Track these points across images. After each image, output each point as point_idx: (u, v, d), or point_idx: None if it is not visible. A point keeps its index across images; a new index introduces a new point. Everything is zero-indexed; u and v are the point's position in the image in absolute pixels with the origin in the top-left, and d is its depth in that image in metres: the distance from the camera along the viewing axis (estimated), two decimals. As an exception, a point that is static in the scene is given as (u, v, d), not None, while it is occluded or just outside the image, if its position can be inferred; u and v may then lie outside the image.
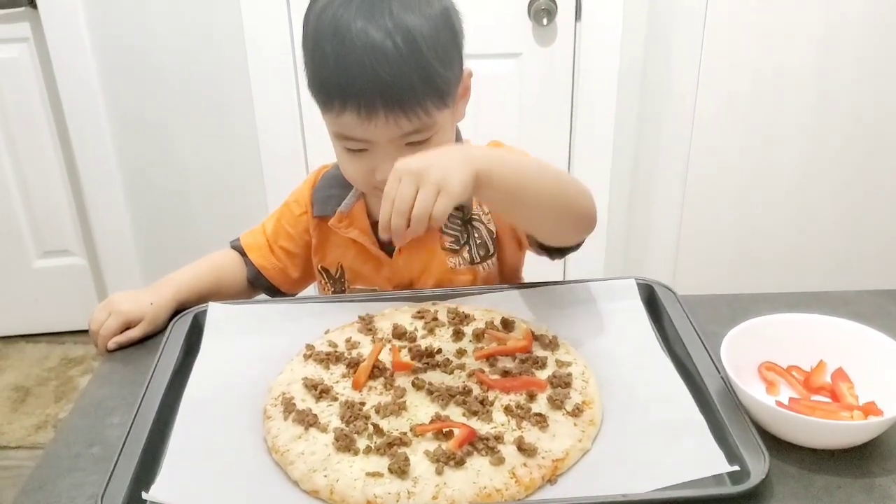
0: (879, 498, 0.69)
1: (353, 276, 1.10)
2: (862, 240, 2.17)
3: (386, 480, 0.70)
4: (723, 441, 0.73)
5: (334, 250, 1.10)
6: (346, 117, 0.90)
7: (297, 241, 1.13)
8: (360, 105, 0.88)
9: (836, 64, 1.97)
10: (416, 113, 0.89)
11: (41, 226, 2.33)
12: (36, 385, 2.26)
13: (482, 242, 1.06)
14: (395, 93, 0.87)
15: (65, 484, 0.74)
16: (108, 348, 0.96)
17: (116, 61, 2.03)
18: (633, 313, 0.93)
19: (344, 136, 0.94)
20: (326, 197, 1.09)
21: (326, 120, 0.95)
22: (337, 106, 0.90)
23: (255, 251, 1.12)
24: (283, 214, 1.14)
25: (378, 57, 0.86)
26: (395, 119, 0.89)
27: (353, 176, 0.99)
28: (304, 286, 1.19)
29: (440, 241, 1.06)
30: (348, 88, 0.88)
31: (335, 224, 1.07)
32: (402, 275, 1.06)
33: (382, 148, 0.92)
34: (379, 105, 0.88)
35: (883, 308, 0.98)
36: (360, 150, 0.94)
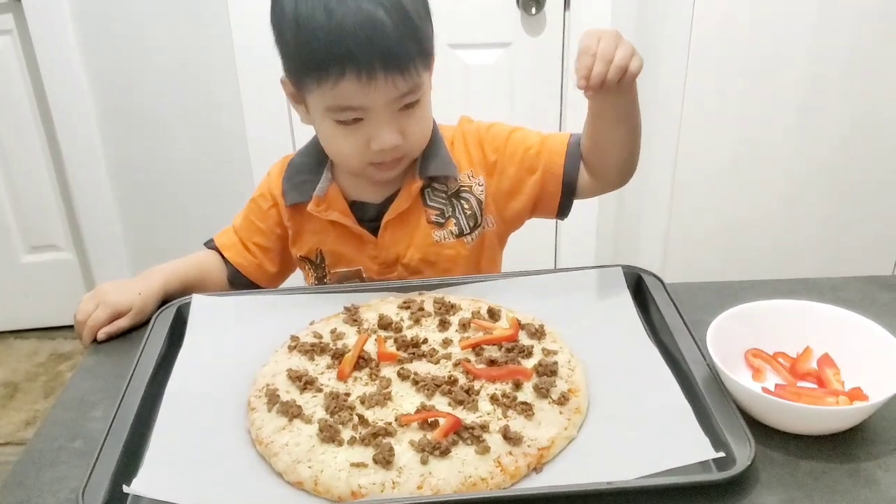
0: (864, 483, 0.69)
1: (335, 260, 1.09)
2: (849, 229, 2.18)
3: (370, 471, 0.69)
4: (709, 428, 0.73)
5: (311, 237, 1.09)
6: (345, 85, 0.91)
7: (269, 236, 1.12)
8: (360, 69, 0.90)
9: (826, 55, 1.97)
10: (409, 73, 0.93)
11: (28, 221, 2.32)
12: (25, 381, 2.25)
13: (471, 213, 1.07)
14: (392, 54, 0.90)
15: (46, 478, 0.73)
16: (99, 339, 0.96)
17: (102, 54, 2.01)
18: (620, 301, 0.93)
19: (339, 108, 0.94)
20: (299, 183, 1.08)
21: (316, 96, 0.95)
22: (334, 75, 0.90)
23: (231, 250, 1.11)
24: (250, 211, 1.13)
25: (373, 21, 0.89)
26: (393, 80, 0.91)
27: (346, 152, 0.99)
28: (283, 279, 1.18)
29: (425, 214, 1.06)
30: (347, 54, 0.89)
31: (314, 208, 1.06)
32: (388, 251, 1.06)
33: (377, 115, 0.94)
34: (378, 67, 0.90)
35: (869, 294, 0.98)
36: (354, 121, 0.95)
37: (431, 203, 1.06)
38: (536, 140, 1.07)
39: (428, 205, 1.06)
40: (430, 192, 1.07)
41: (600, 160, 1.03)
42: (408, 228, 1.06)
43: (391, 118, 0.95)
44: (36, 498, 0.71)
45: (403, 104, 0.96)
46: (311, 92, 0.95)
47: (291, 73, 0.98)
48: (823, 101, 2.03)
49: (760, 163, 2.10)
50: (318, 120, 0.99)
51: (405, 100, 0.95)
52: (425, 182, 1.06)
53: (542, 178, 1.05)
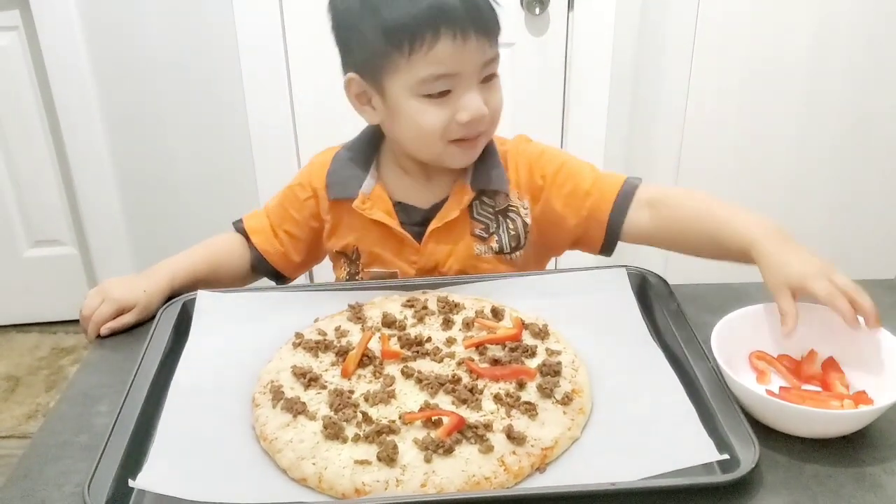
0: (870, 487, 0.69)
1: (371, 259, 1.08)
2: (853, 231, 2.18)
3: (374, 468, 0.69)
4: (713, 430, 0.73)
5: (349, 233, 1.08)
6: (439, 48, 0.92)
7: (302, 226, 1.11)
8: (455, 29, 0.91)
9: (828, 56, 1.97)
10: (494, 39, 0.95)
11: (32, 215, 2.32)
12: (27, 374, 2.26)
13: (515, 234, 1.05)
14: (482, 16, 0.93)
15: (52, 472, 0.74)
16: (102, 334, 0.96)
17: (107, 50, 2.01)
18: (624, 302, 0.93)
19: (432, 77, 0.94)
20: (344, 179, 1.07)
21: (405, 71, 0.94)
22: (429, 37, 0.91)
23: (259, 235, 1.11)
24: (286, 198, 1.12)
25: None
26: (482, 44, 0.93)
27: (432, 129, 0.97)
28: (305, 270, 1.18)
29: (470, 226, 1.05)
30: (443, 16, 0.90)
31: (359, 206, 1.05)
32: (429, 259, 1.05)
33: (467, 82, 0.95)
34: (470, 28, 0.92)
35: (873, 297, 0.96)
36: (442, 93, 0.95)
37: (478, 216, 1.05)
38: (589, 178, 1.03)
39: (474, 217, 1.05)
40: (479, 205, 1.05)
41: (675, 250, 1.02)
42: (452, 238, 1.05)
43: (477, 87, 0.96)
44: (41, 491, 0.71)
45: (486, 74, 0.96)
46: (396, 71, 0.94)
47: (370, 62, 0.96)
48: (826, 104, 2.03)
49: (763, 164, 2.10)
50: (401, 103, 0.97)
51: (488, 69, 0.96)
52: (475, 194, 1.04)
53: (586, 221, 1.03)
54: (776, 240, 0.86)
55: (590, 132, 2.05)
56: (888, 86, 2.01)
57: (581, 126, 2.06)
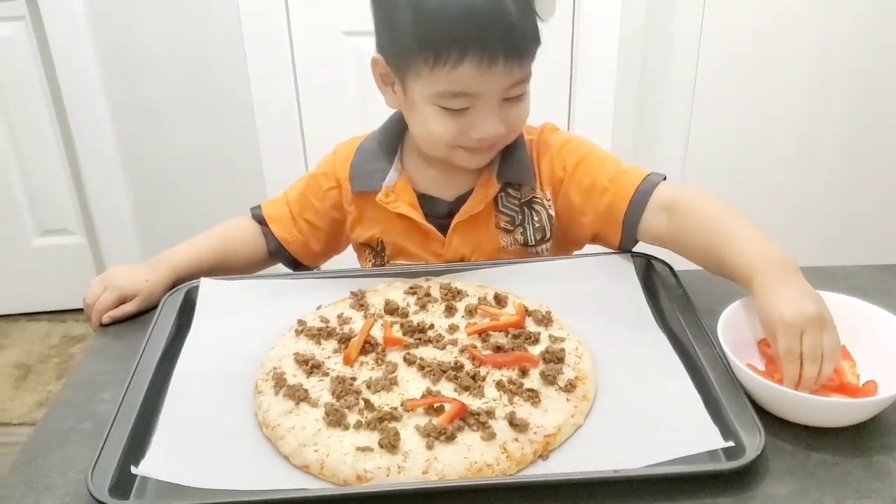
0: (877, 475, 0.68)
1: (396, 252, 1.07)
2: (860, 218, 2.16)
3: (376, 455, 0.69)
4: (718, 417, 0.72)
5: (373, 225, 1.07)
6: (464, 68, 0.89)
7: (323, 216, 1.10)
8: (483, 53, 0.88)
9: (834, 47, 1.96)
10: (526, 61, 0.92)
11: (40, 205, 2.32)
12: (37, 362, 2.27)
13: (540, 226, 1.03)
14: (514, 40, 0.89)
15: (56, 458, 0.74)
16: (103, 322, 0.96)
17: (114, 40, 2.01)
18: (629, 288, 0.92)
19: (452, 94, 0.91)
20: (368, 172, 1.05)
21: (427, 80, 0.91)
22: (454, 57, 0.88)
23: (278, 223, 1.09)
24: (308, 186, 1.10)
25: (500, 6, 0.87)
26: (511, 68, 0.90)
27: (442, 136, 0.95)
28: (325, 259, 1.17)
29: (495, 218, 1.03)
30: (473, 36, 0.87)
31: (382, 199, 1.03)
32: (455, 252, 1.03)
33: (486, 103, 0.92)
34: (500, 52, 0.88)
35: (884, 283, 0.97)
36: (461, 109, 0.93)
37: (503, 209, 1.03)
38: (609, 173, 0.99)
39: (500, 210, 1.03)
40: (504, 197, 1.03)
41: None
42: (477, 231, 1.03)
43: (497, 108, 0.93)
44: (45, 478, 0.71)
45: (511, 94, 0.93)
46: (418, 76, 0.92)
47: (397, 55, 0.94)
48: (833, 91, 2.01)
49: (771, 151, 2.08)
50: (419, 105, 0.95)
51: (515, 90, 0.93)
52: (501, 186, 1.03)
53: (602, 217, 0.99)
54: (774, 275, 0.78)
55: (597, 115, 2.04)
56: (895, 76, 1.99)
57: (588, 109, 2.04)
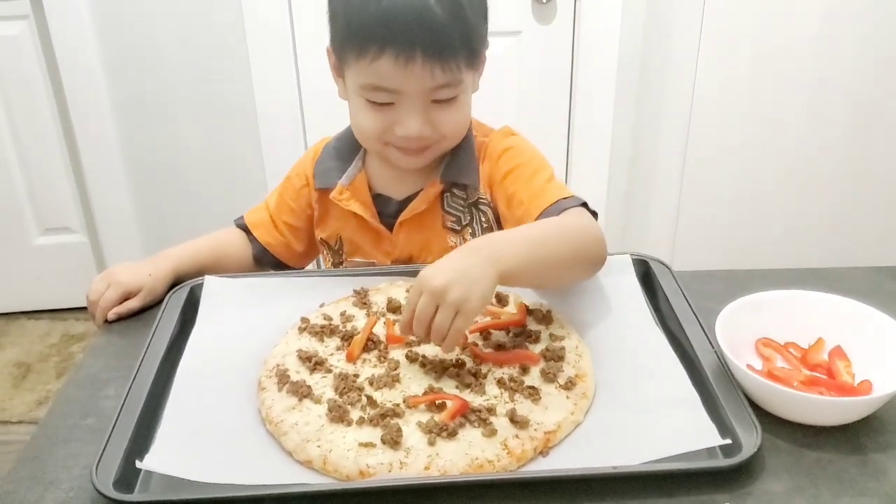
0: (872, 473, 0.69)
1: (352, 249, 1.10)
2: (859, 219, 2.17)
3: (378, 451, 0.70)
4: (715, 415, 0.73)
5: (334, 223, 1.10)
6: (383, 63, 0.90)
7: (300, 215, 1.12)
8: (398, 50, 0.89)
9: (835, 43, 1.96)
10: (450, 66, 0.92)
11: (42, 203, 2.33)
12: (37, 361, 2.28)
13: (488, 227, 1.05)
14: (435, 41, 0.90)
15: (60, 454, 0.75)
16: (108, 319, 0.96)
17: (117, 38, 2.02)
18: (628, 288, 0.93)
19: (373, 87, 0.93)
20: (328, 169, 1.09)
21: (355, 71, 0.94)
22: (373, 51, 0.90)
23: (260, 228, 1.12)
24: (285, 189, 1.13)
25: (424, 7, 0.89)
26: (431, 69, 0.91)
27: (369, 130, 0.98)
28: (310, 260, 1.19)
29: (442, 218, 1.05)
30: (389, 33, 0.89)
31: (336, 196, 1.06)
32: (402, 250, 1.06)
33: (410, 101, 0.94)
34: (418, 51, 0.89)
35: (880, 285, 0.97)
36: (385, 103, 0.94)
37: (448, 208, 1.05)
38: (532, 188, 0.99)
39: (445, 209, 1.05)
40: (450, 198, 1.05)
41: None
42: (424, 230, 1.05)
43: (422, 107, 0.94)
44: (50, 473, 0.72)
45: (438, 97, 0.95)
46: (349, 66, 0.95)
47: (335, 45, 0.98)
48: (833, 93, 2.02)
49: (770, 153, 2.09)
50: (352, 96, 0.98)
51: (440, 93, 0.94)
52: (445, 186, 1.04)
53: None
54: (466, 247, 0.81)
55: (597, 120, 2.05)
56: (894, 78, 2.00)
57: (588, 115, 2.05)
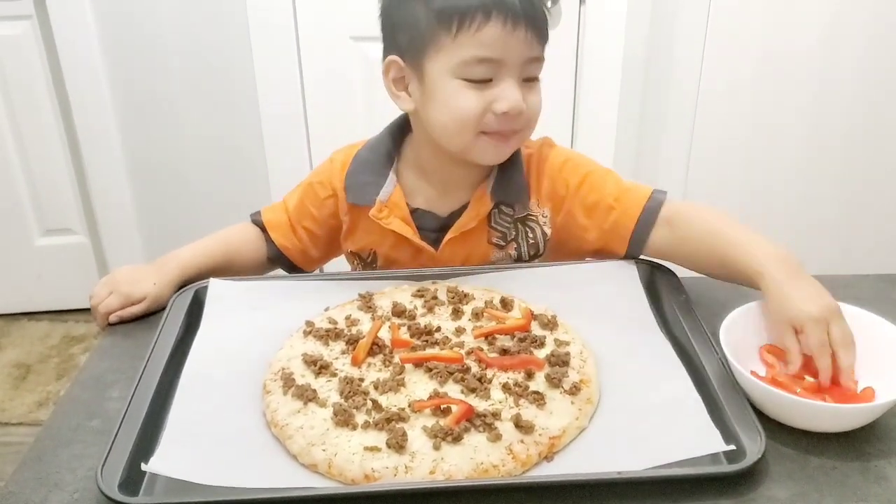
0: (875, 479, 0.69)
1: (387, 263, 1.08)
2: (864, 226, 2.17)
3: (384, 455, 0.70)
4: (719, 421, 0.73)
5: (366, 236, 1.08)
6: (488, 31, 0.91)
7: (321, 224, 1.11)
8: (506, 15, 0.91)
9: (839, 49, 1.97)
10: (542, 36, 0.95)
11: (43, 204, 2.33)
12: (37, 362, 2.28)
13: (534, 242, 1.04)
14: (534, 9, 0.93)
15: (65, 455, 0.75)
16: (110, 322, 0.97)
17: (119, 39, 2.02)
18: (633, 294, 0.93)
19: (476, 60, 0.93)
20: (362, 184, 1.05)
21: (451, 49, 0.93)
22: (480, 18, 0.91)
23: (277, 230, 1.10)
24: (306, 194, 1.11)
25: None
26: (531, 38, 0.93)
27: (468, 112, 0.95)
28: (322, 264, 1.18)
29: (488, 234, 1.04)
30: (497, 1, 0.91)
31: (375, 215, 1.03)
32: (444, 265, 1.03)
33: (509, 73, 0.94)
34: (522, 18, 0.91)
35: (883, 292, 0.98)
36: (484, 80, 0.94)
37: (496, 225, 1.04)
38: (613, 191, 1.01)
39: (492, 226, 1.04)
40: (497, 214, 1.04)
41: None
42: (468, 246, 1.04)
43: (518, 82, 0.95)
44: (55, 475, 0.72)
45: (528, 75, 0.96)
46: (439, 51, 0.93)
47: (413, 40, 0.95)
48: (837, 98, 2.02)
49: (773, 158, 2.10)
50: (440, 85, 0.95)
51: (532, 68, 0.96)
52: (495, 203, 1.03)
53: (608, 234, 1.00)
54: (784, 272, 0.83)
55: (601, 126, 2.05)
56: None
57: (592, 120, 2.05)
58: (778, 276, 0.82)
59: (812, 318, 0.77)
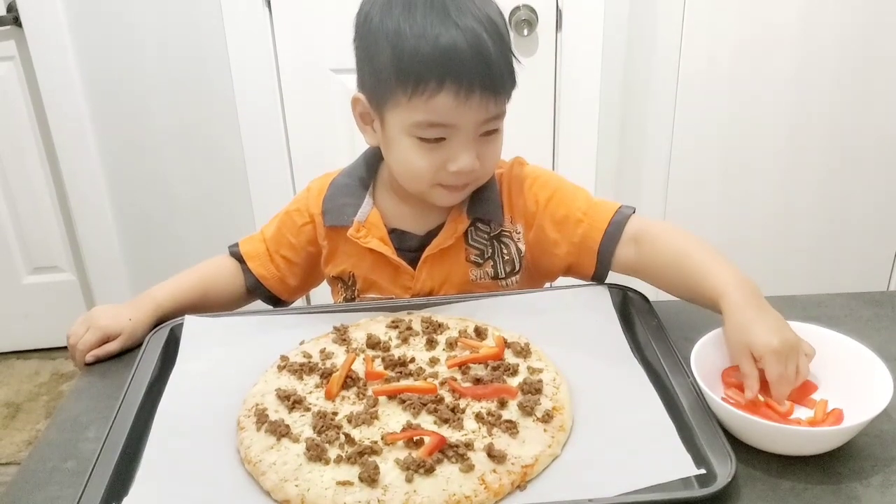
0: (846, 499, 0.69)
1: (367, 286, 1.08)
2: (843, 247, 2.19)
3: (356, 489, 0.70)
4: (691, 445, 0.73)
5: (346, 259, 1.09)
6: (441, 99, 0.91)
7: (299, 252, 1.12)
8: (460, 84, 0.90)
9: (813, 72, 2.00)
10: (501, 97, 0.95)
11: (30, 242, 2.34)
12: (27, 401, 2.27)
13: (509, 259, 1.05)
14: (490, 75, 0.92)
15: (39, 498, 0.75)
16: (87, 361, 0.97)
17: (102, 78, 2.04)
18: (606, 319, 0.94)
19: (428, 124, 0.93)
20: (339, 206, 1.07)
21: (405, 110, 0.94)
22: (432, 87, 0.91)
23: (255, 260, 1.11)
24: (283, 223, 1.12)
25: (479, 41, 0.90)
26: (486, 102, 0.93)
27: (420, 171, 0.97)
28: (302, 294, 1.19)
29: (465, 252, 1.05)
30: (450, 69, 0.90)
31: (353, 234, 1.05)
32: (424, 284, 1.05)
33: (463, 135, 0.95)
34: (477, 85, 0.91)
35: (854, 311, 0.99)
36: (437, 140, 0.95)
37: (473, 242, 1.05)
38: (582, 206, 1.02)
39: (469, 243, 1.05)
40: (474, 232, 1.05)
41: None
42: (446, 264, 1.05)
43: (472, 142, 0.96)
44: (29, 517, 0.72)
45: (486, 130, 0.96)
46: (396, 106, 0.94)
47: (375, 88, 0.97)
48: (814, 120, 2.05)
49: (751, 179, 2.12)
50: (396, 137, 0.97)
51: (490, 125, 0.96)
52: (471, 222, 1.05)
53: (577, 248, 1.01)
54: (746, 299, 0.82)
55: (580, 152, 2.07)
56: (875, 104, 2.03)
57: (572, 146, 2.07)
58: (739, 300, 0.82)
59: (774, 350, 0.77)
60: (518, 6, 1.93)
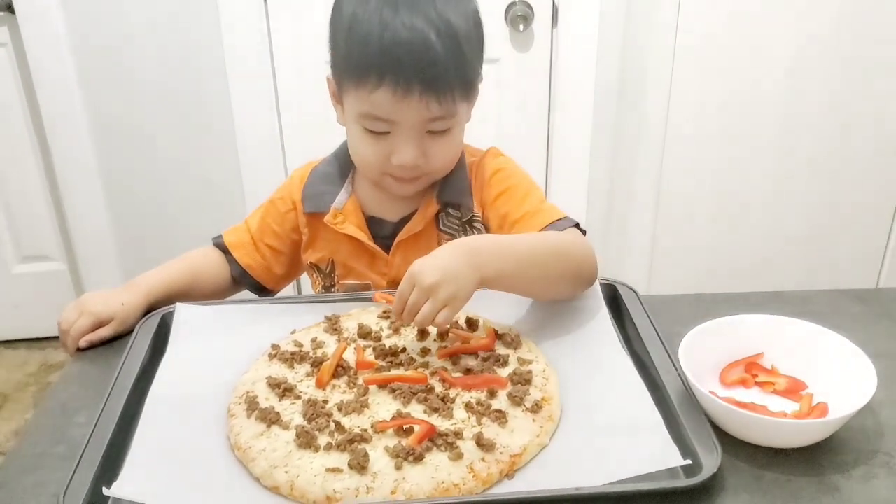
0: (828, 490, 0.70)
1: (345, 272, 1.10)
2: (835, 243, 2.21)
3: (345, 476, 0.71)
4: (678, 436, 0.74)
5: (325, 246, 1.11)
6: (380, 94, 0.93)
7: (283, 239, 1.13)
8: (397, 82, 0.92)
9: (807, 67, 2.01)
10: (446, 99, 0.95)
11: (20, 231, 2.33)
12: (15, 391, 2.26)
13: None
14: (432, 75, 0.92)
15: (28, 482, 0.75)
16: (80, 346, 0.97)
17: (95, 65, 2.03)
18: (596, 312, 0.94)
19: (371, 116, 0.96)
20: (319, 193, 1.10)
21: (354, 99, 0.97)
22: (373, 81, 0.93)
23: (240, 249, 1.12)
24: (268, 212, 1.14)
25: (423, 41, 0.92)
26: (427, 101, 0.93)
27: (368, 159, 1.01)
28: (288, 282, 1.20)
29: (438, 238, 1.07)
30: (388, 65, 0.91)
31: (330, 220, 1.08)
32: (399, 270, 1.06)
33: (405, 131, 0.96)
34: (415, 84, 0.92)
35: (841, 307, 1.00)
36: (381, 132, 0.97)
37: (444, 228, 1.07)
38: (526, 207, 1.03)
39: (441, 229, 1.07)
40: (445, 217, 1.08)
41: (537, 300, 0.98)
42: (420, 250, 1.04)
43: (417, 137, 0.97)
44: (18, 501, 0.72)
45: (433, 128, 0.97)
46: (348, 94, 0.98)
47: (335, 73, 1.01)
48: (805, 121, 2.06)
49: (744, 176, 2.13)
50: (350, 122, 1.01)
51: (435, 125, 0.97)
52: (440, 207, 1.07)
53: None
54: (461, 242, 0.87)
55: (575, 147, 2.08)
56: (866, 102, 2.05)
57: (565, 141, 2.08)
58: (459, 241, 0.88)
59: (413, 272, 0.82)
60: (514, 1, 1.93)
